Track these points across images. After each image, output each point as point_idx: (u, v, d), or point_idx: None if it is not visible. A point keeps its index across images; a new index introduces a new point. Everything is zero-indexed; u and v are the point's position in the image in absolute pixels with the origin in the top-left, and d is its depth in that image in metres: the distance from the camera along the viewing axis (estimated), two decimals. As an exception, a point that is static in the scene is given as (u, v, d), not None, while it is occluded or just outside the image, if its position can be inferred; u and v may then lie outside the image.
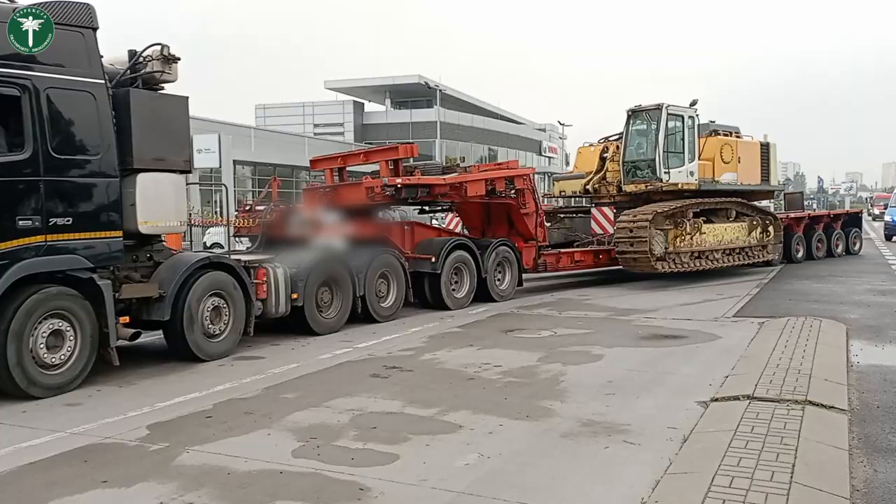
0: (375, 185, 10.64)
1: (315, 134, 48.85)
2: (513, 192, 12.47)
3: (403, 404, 5.87)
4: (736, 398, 5.62)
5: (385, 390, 6.34)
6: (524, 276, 13.00)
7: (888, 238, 27.89)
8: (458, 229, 14.45)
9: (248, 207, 11.23)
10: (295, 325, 9.00)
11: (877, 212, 45.47)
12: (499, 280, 12.16)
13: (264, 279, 8.45)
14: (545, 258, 13.20)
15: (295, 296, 8.73)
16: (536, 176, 22.91)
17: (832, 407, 5.41)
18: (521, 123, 64.24)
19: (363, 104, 54.24)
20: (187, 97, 7.80)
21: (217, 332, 7.80)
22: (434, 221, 16.57)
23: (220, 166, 30.15)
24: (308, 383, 6.73)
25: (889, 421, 5.28)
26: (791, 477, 3.99)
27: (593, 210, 15.96)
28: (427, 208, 13.50)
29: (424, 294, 11.20)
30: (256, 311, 8.27)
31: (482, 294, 11.75)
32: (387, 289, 10.28)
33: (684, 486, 4.05)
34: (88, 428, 5.39)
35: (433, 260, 10.95)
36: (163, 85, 7.77)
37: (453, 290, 11.32)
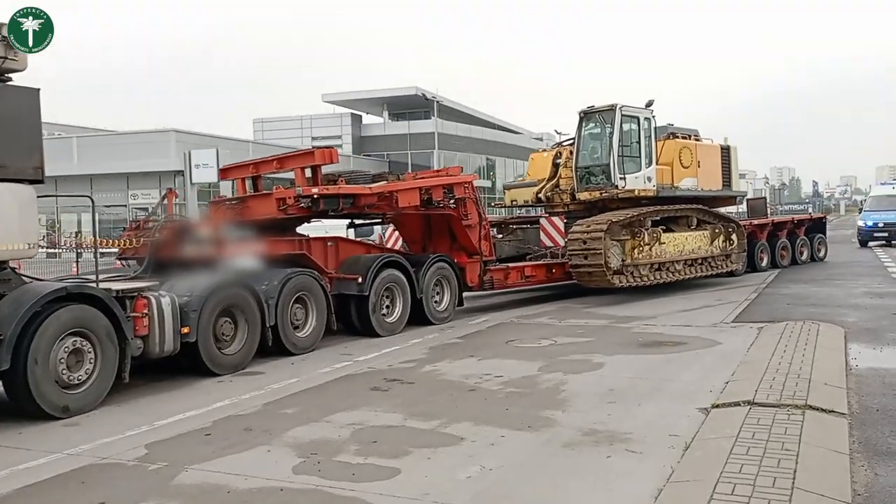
0: (288, 196, 9.36)
1: (313, 147, 48.89)
2: (452, 201, 11.35)
3: (404, 417, 5.85)
4: (736, 404, 5.62)
5: (386, 403, 6.33)
6: (471, 293, 12.07)
7: (863, 244, 26.48)
8: (399, 244, 13.37)
9: (136, 224, 9.52)
10: (188, 363, 7.67)
11: None
12: (436, 300, 11.01)
13: (145, 311, 7.02)
14: (492, 274, 12.12)
15: (186, 330, 7.36)
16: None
17: (832, 411, 5.41)
18: (518, 133, 64.40)
19: (361, 116, 54.36)
20: (38, 89, 6.49)
21: (77, 381, 6.35)
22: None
23: (219, 181, 30.23)
24: (308, 398, 6.71)
25: (889, 424, 5.27)
26: (793, 482, 3.99)
27: (542, 220, 14.97)
28: (356, 222, 12.33)
29: (351, 319, 9.96)
30: (135, 350, 6.90)
31: (418, 317, 10.62)
32: (304, 316, 8.97)
33: (687, 494, 4.04)
34: (86, 448, 5.36)
35: (360, 280, 9.67)
36: (8, 75, 6.45)
37: (384, 314, 10.09)
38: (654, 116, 13.89)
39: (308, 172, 9.76)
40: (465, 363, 7.94)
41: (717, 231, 14.84)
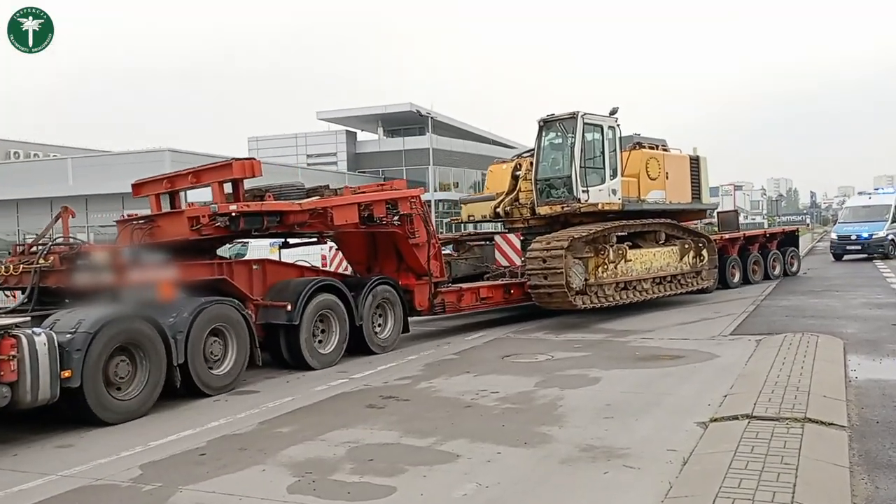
0: (202, 214, 8.33)
1: (308, 164, 49.08)
2: (396, 218, 10.43)
3: (400, 435, 5.81)
4: (735, 418, 5.58)
5: (381, 421, 6.28)
6: (420, 317, 11.33)
7: (837, 258, 25.58)
8: (343, 265, 12.47)
9: (21, 249, 8.18)
10: (71, 412, 6.52)
11: None
12: (378, 327, 10.10)
13: (12, 353, 5.91)
14: (443, 296, 11.22)
15: (67, 374, 6.24)
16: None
17: (831, 424, 5.38)
18: (513, 147, 64.59)
19: (356, 133, 54.61)
20: None
21: None
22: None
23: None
24: (303, 416, 6.66)
25: (889, 436, 5.24)
26: (792, 497, 3.95)
27: (497, 238, 14.04)
28: (289, 242, 11.13)
29: (281, 351, 8.98)
30: (0, 400, 5.87)
31: (357, 345, 9.68)
32: (223, 350, 7.89)
33: (685, 510, 4.00)
34: (80, 470, 5.31)
35: (289, 308, 8.68)
36: None
37: (318, 344, 9.12)
38: (618, 125, 13.05)
39: (228, 187, 8.79)
40: (460, 379, 7.89)
41: (686, 246, 13.99)
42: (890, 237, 24.92)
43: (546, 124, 13.09)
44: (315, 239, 11.00)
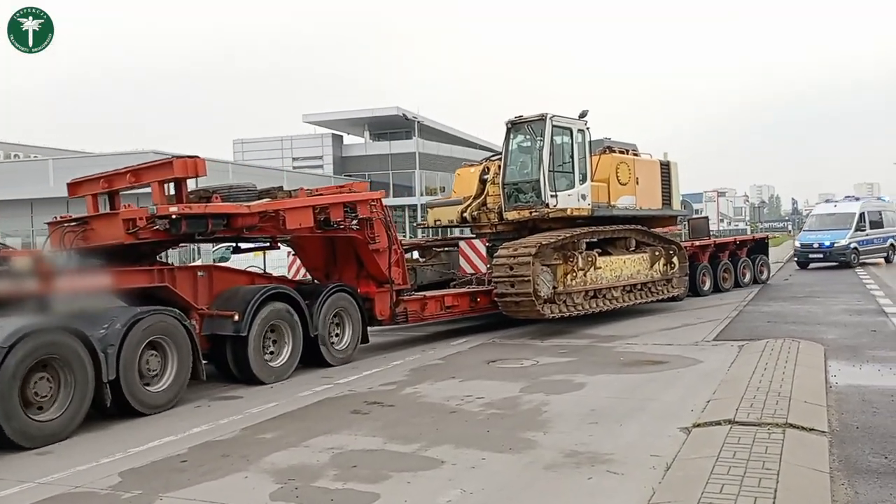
0: (138, 217, 7.61)
1: (294, 168, 48.90)
2: (355, 222, 9.93)
3: (384, 441, 5.78)
4: (717, 423, 5.62)
5: (366, 427, 6.25)
6: (381, 327, 10.80)
7: (802, 266, 25.31)
8: (302, 272, 11.99)
9: None
10: None
11: None
12: (335, 338, 9.55)
13: None
14: (406, 305, 10.69)
15: None
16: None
17: (812, 429, 5.43)
18: (499, 152, 64.75)
19: (342, 137, 54.47)
20: None
21: None
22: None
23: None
24: (287, 422, 6.61)
25: (869, 441, 5.30)
26: (774, 502, 3.98)
27: (461, 244, 13.69)
28: (240, 246, 10.24)
29: (228, 364, 8.41)
30: None
31: (312, 357, 9.16)
32: (161, 365, 7.29)
33: (668, 516, 4.02)
34: (59, 477, 5.24)
35: (236, 318, 8.11)
36: None
37: (268, 357, 8.54)
38: (588, 128, 12.73)
39: (170, 188, 8.22)
40: (446, 385, 7.88)
41: (657, 254, 13.69)
42: (853, 246, 24.87)
43: (514, 126, 12.60)
44: (268, 244, 10.21)
